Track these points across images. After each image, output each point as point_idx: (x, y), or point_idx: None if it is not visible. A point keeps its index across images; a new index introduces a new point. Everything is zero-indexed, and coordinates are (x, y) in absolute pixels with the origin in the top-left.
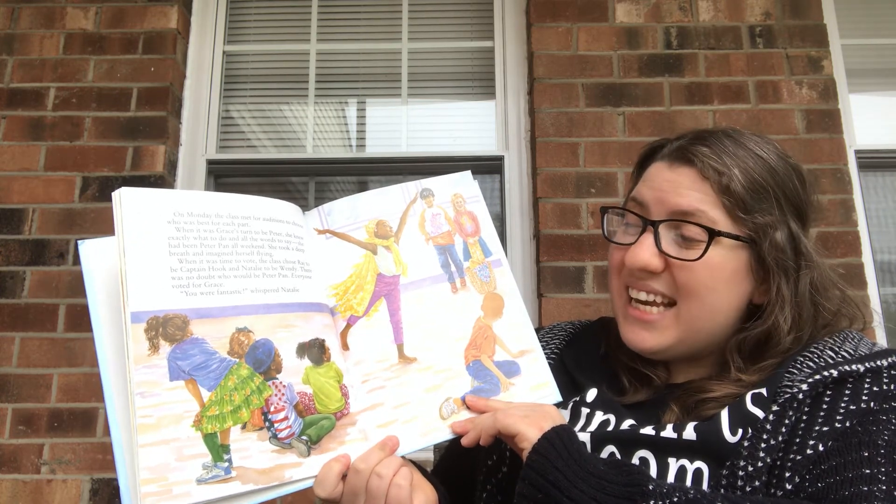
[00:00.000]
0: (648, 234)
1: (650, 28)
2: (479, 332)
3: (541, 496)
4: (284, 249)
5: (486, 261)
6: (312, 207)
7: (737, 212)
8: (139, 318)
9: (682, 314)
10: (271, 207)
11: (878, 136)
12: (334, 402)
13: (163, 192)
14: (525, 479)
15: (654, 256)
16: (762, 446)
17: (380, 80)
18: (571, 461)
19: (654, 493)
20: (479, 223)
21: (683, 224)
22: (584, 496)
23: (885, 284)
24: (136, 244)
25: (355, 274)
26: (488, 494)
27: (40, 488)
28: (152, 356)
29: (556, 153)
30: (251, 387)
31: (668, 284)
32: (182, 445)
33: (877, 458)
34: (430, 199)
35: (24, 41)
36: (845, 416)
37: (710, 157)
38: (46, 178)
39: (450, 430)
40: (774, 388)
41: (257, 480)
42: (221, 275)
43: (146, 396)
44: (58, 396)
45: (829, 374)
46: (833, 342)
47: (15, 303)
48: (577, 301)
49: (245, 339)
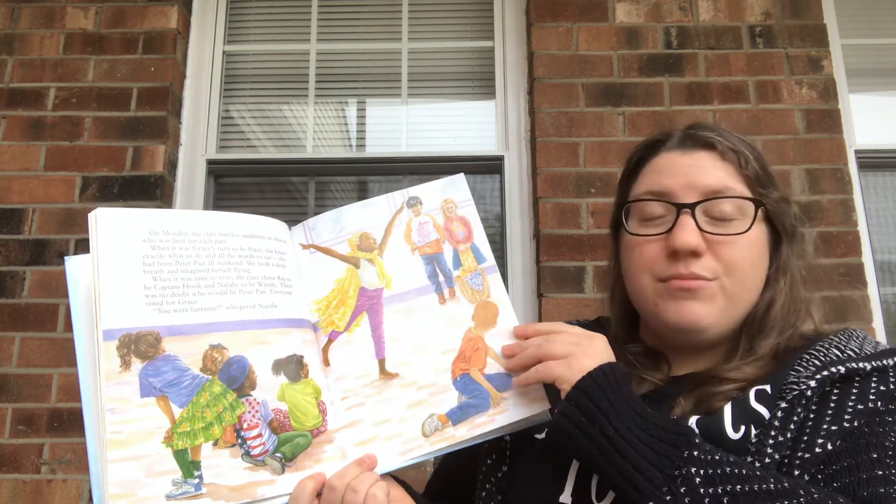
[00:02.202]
0: (686, 216)
1: (650, 28)
2: (468, 344)
3: (585, 420)
4: (263, 265)
5: (479, 268)
6: (312, 207)
7: (756, 187)
8: (111, 335)
9: (726, 287)
10: (252, 224)
11: (878, 136)
12: (311, 419)
13: (139, 211)
14: (572, 399)
15: (699, 237)
16: (770, 443)
17: (380, 80)
18: (621, 397)
19: (701, 447)
20: (471, 228)
21: (720, 201)
22: (630, 431)
23: (885, 284)
24: (110, 263)
25: (337, 289)
26: (487, 493)
27: (40, 488)
28: (123, 373)
29: (556, 153)
30: (224, 403)
31: (710, 266)
32: (152, 461)
33: (886, 459)
34: (417, 207)
35: (24, 41)
36: (853, 416)
37: (726, 138)
38: (46, 178)
39: (431, 446)
40: (779, 386)
41: (228, 497)
42: (196, 292)
43: (116, 412)
44: (58, 396)
45: (837, 370)
46: (838, 340)
47: (15, 303)
48: (577, 301)
49: (219, 355)
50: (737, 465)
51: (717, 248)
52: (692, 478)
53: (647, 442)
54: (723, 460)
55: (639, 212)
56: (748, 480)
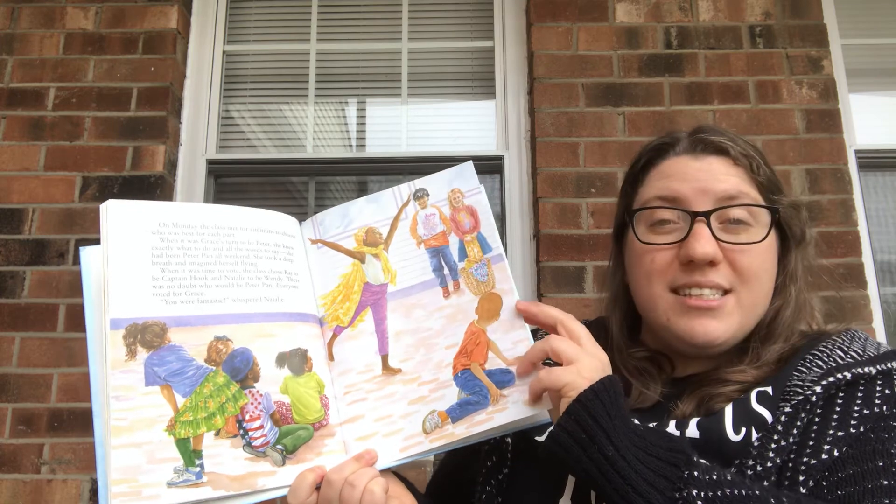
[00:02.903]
0: (701, 224)
1: (650, 28)
2: (470, 338)
3: (584, 436)
4: (271, 259)
5: (484, 258)
6: (312, 207)
7: (768, 193)
8: (118, 324)
9: (743, 299)
10: (260, 218)
11: (878, 136)
12: (313, 412)
13: (150, 204)
14: (572, 413)
15: (715, 246)
16: (772, 446)
17: (380, 79)
18: (620, 413)
19: (699, 467)
20: (478, 218)
21: (732, 209)
22: (629, 450)
23: (885, 284)
24: (120, 254)
25: (342, 284)
26: (487, 496)
27: (40, 488)
28: (129, 361)
29: (556, 153)
30: (227, 394)
31: (726, 275)
32: (154, 449)
33: (892, 468)
34: (423, 199)
35: (24, 41)
36: (859, 421)
37: (738, 143)
38: (46, 178)
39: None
40: (781, 387)
41: (229, 487)
42: (203, 284)
43: (121, 400)
44: (58, 396)
45: (843, 376)
46: (841, 341)
47: (15, 303)
48: (578, 301)
49: (223, 347)
50: (735, 485)
51: (732, 257)
52: (693, 500)
53: (645, 462)
54: (721, 480)
55: (647, 217)
56: (748, 501)
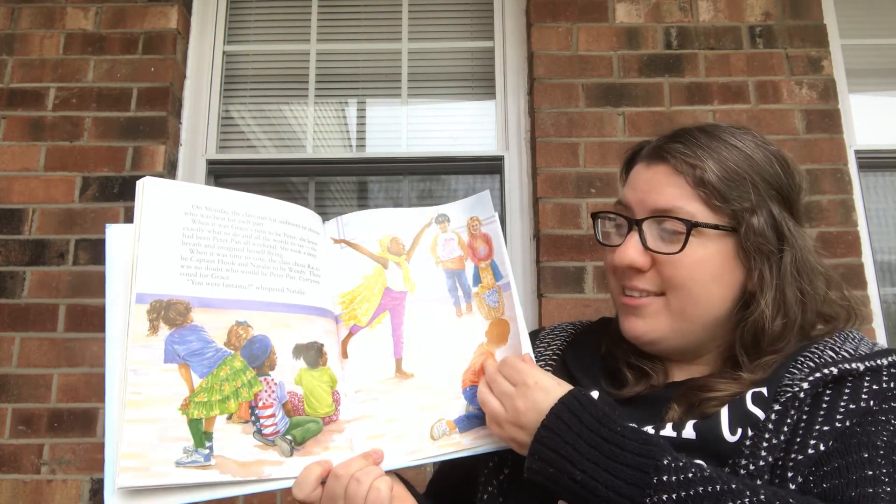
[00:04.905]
0: (633, 233)
1: (650, 28)
2: (479, 358)
3: (552, 471)
4: (296, 252)
5: (496, 285)
6: (312, 207)
7: (713, 201)
8: (143, 299)
9: (672, 304)
10: (289, 211)
11: (878, 136)
12: (324, 406)
13: (184, 184)
14: (534, 454)
15: (640, 254)
16: (764, 445)
17: (380, 80)
18: (584, 429)
19: (669, 468)
20: (492, 246)
21: (664, 220)
22: (596, 468)
23: (885, 284)
24: (151, 231)
25: (364, 285)
26: (489, 496)
27: (40, 488)
28: (150, 337)
29: (556, 153)
30: (242, 379)
31: (655, 281)
32: (166, 427)
33: (877, 459)
34: (444, 224)
35: (24, 41)
36: (845, 416)
37: (683, 153)
38: (46, 178)
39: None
40: (775, 388)
41: (235, 472)
42: (229, 268)
43: (139, 374)
44: (58, 396)
45: (830, 371)
46: (833, 342)
47: (15, 303)
48: (578, 301)
49: (243, 332)
50: (709, 481)
51: (660, 266)
52: None
53: (614, 471)
54: (695, 478)
55: (604, 221)
56: (721, 498)
